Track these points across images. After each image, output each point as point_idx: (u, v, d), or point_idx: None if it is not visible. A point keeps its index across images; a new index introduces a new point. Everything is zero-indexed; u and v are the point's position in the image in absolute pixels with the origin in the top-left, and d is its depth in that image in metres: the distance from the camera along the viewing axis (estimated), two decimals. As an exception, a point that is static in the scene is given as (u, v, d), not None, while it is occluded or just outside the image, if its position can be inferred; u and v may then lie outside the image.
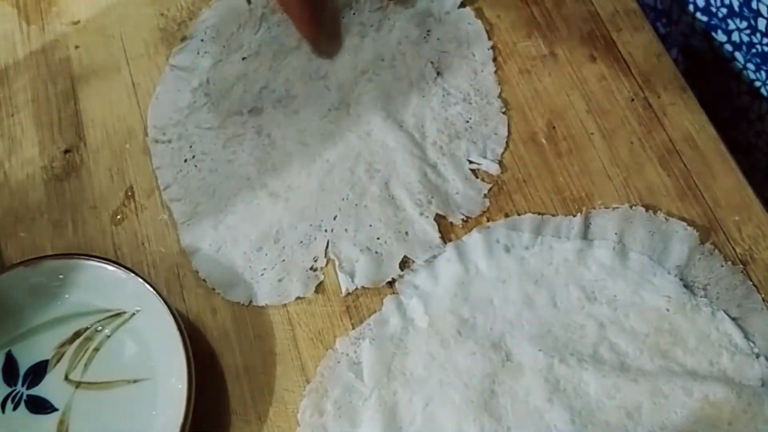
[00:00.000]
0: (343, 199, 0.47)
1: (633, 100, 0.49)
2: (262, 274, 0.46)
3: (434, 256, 0.45)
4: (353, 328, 0.44)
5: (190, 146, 0.50)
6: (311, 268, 0.46)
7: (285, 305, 0.46)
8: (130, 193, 0.50)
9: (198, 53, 0.53)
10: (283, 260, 0.46)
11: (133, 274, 0.43)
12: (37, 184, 0.50)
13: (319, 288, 0.46)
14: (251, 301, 0.46)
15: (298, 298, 0.46)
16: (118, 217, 0.49)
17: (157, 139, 0.51)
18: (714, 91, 0.58)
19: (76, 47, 0.55)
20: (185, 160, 0.50)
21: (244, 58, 0.52)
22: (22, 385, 0.43)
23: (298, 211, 0.48)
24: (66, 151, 0.51)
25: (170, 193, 0.49)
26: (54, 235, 0.49)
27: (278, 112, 0.51)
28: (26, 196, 0.50)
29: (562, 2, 0.53)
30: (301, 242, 0.47)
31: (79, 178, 0.50)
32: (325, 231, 0.47)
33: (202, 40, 0.53)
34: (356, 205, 0.47)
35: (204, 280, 0.47)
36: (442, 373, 0.42)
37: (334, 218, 0.47)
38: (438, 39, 0.52)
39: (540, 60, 0.51)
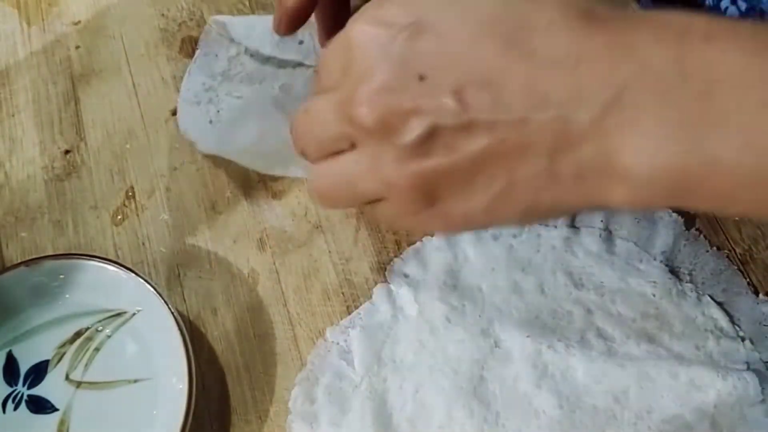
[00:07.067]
0: None
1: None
2: None
3: (421, 240, 0.46)
4: (352, 325, 0.45)
5: (218, 111, 0.51)
6: None
7: (285, 305, 0.46)
8: (130, 194, 0.50)
9: None
10: None
11: (133, 274, 0.43)
12: (38, 184, 0.50)
13: (320, 287, 0.46)
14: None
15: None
16: (119, 217, 0.49)
17: (187, 100, 0.51)
18: None
19: (77, 47, 0.55)
20: (210, 122, 0.50)
21: None
22: (23, 385, 0.43)
23: None
24: (66, 152, 0.51)
25: None
26: (54, 235, 0.49)
27: (308, 90, 0.51)
28: (27, 196, 0.50)
29: (561, 2, 0.53)
30: None
31: (79, 179, 0.50)
32: None
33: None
34: None
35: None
36: (431, 360, 0.42)
37: None
38: None
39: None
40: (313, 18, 0.51)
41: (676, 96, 0.26)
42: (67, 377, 0.43)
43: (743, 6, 0.53)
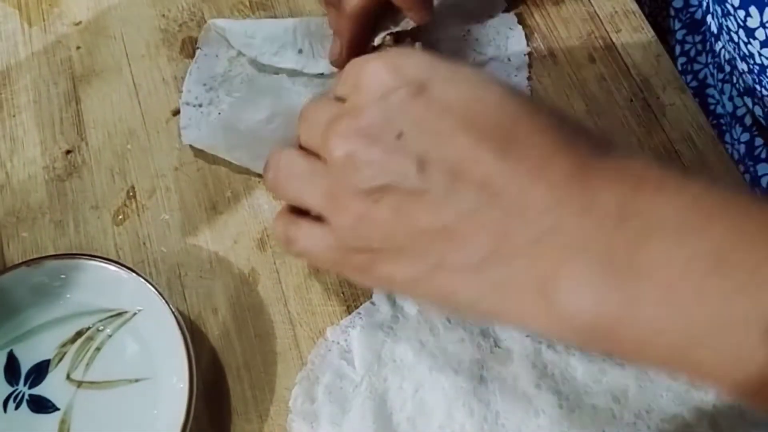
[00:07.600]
0: None
1: (632, 100, 0.50)
2: None
3: None
4: (353, 326, 0.45)
5: (219, 113, 0.51)
6: None
7: (286, 304, 0.46)
8: (131, 194, 0.50)
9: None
10: None
11: (134, 274, 0.43)
12: (39, 185, 0.50)
13: (321, 287, 0.46)
14: None
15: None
16: (120, 217, 0.49)
17: (189, 101, 0.51)
18: None
19: (78, 48, 0.55)
20: (210, 122, 0.50)
21: None
22: (24, 385, 0.43)
23: None
24: (68, 152, 0.51)
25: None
26: (56, 235, 0.49)
27: (309, 90, 0.51)
28: (28, 196, 0.50)
29: (561, 3, 0.53)
30: None
31: (80, 179, 0.50)
32: None
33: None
34: None
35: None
36: (431, 360, 0.42)
37: None
38: (476, 39, 0.52)
39: (539, 61, 0.51)
40: (315, 26, 0.51)
41: (608, 242, 0.26)
42: (68, 377, 0.43)
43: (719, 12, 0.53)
